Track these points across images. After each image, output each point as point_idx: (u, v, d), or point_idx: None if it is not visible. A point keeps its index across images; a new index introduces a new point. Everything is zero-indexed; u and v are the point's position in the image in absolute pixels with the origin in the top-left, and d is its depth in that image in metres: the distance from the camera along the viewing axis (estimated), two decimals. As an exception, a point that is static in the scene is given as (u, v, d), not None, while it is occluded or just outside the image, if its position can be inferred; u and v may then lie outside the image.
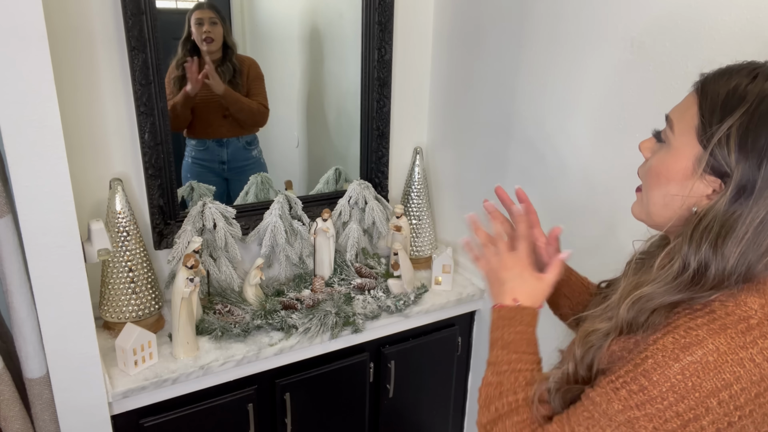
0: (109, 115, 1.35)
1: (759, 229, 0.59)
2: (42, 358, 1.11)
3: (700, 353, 0.58)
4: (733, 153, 0.59)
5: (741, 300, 0.61)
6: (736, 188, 0.60)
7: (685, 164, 0.64)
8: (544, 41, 1.35)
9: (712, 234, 0.61)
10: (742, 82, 0.61)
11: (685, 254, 0.62)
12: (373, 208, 1.67)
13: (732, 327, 0.59)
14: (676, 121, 0.66)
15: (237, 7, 1.53)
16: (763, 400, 0.58)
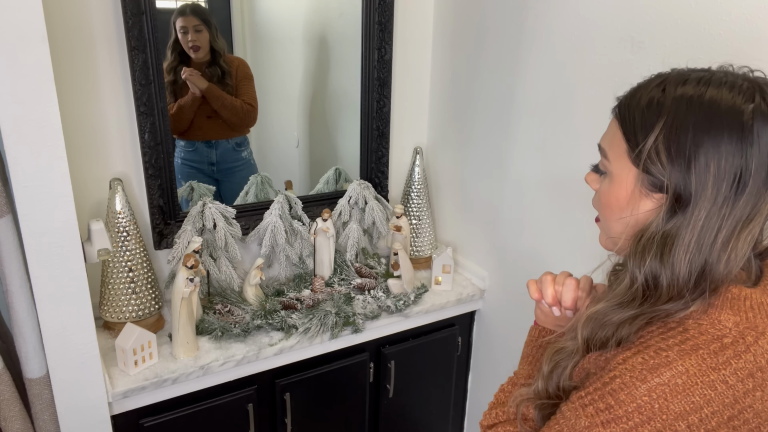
0: (109, 115, 1.35)
1: (703, 231, 0.59)
2: (42, 358, 1.11)
3: (668, 375, 0.56)
4: (664, 165, 0.60)
5: (715, 318, 0.60)
6: (672, 197, 0.60)
7: (627, 188, 0.65)
8: (543, 41, 1.35)
9: (656, 246, 0.61)
10: (654, 96, 0.62)
11: (631, 270, 0.63)
12: (373, 208, 1.67)
13: (704, 347, 0.57)
14: (608, 149, 0.67)
15: (237, 7, 1.53)
16: (737, 422, 0.56)
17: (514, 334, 1.60)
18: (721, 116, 0.57)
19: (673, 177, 0.59)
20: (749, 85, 0.59)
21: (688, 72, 0.63)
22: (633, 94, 0.65)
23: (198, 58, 1.48)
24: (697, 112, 0.58)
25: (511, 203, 1.54)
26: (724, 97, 0.58)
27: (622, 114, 0.65)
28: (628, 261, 0.64)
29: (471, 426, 1.88)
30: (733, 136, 0.57)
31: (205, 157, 1.60)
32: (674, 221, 0.60)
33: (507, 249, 1.59)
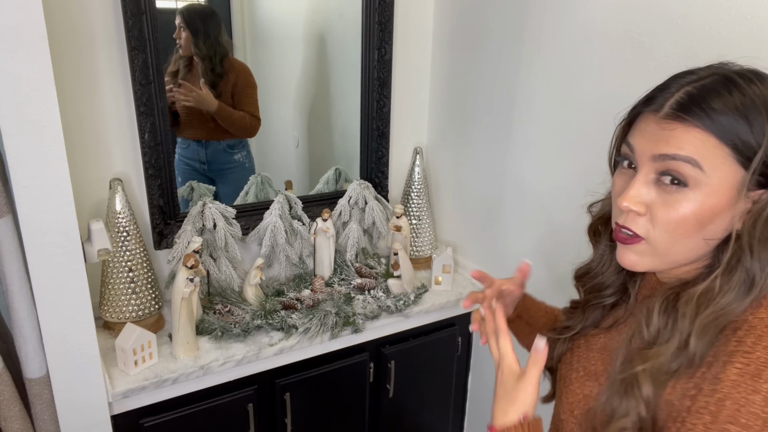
0: (109, 115, 1.35)
1: None
2: (42, 358, 1.11)
3: (759, 379, 0.55)
4: (762, 151, 0.58)
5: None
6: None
7: (728, 195, 0.60)
8: (544, 41, 1.35)
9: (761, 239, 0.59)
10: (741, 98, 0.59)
11: (748, 267, 0.60)
12: (373, 208, 1.67)
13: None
14: (699, 157, 0.59)
15: (237, 7, 1.53)
16: None
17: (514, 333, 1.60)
18: None
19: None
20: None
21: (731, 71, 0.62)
22: (701, 97, 0.60)
23: (183, 54, 1.48)
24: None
25: (511, 203, 1.54)
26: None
27: (708, 119, 0.59)
28: (743, 258, 0.60)
29: (471, 426, 1.88)
30: None
31: (196, 155, 1.60)
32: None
33: (507, 249, 1.59)
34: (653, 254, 0.65)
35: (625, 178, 0.66)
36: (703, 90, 0.60)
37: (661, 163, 0.61)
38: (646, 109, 0.64)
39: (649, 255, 0.65)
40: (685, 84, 0.61)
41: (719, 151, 0.59)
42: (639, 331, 0.65)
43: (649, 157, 0.62)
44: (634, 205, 0.63)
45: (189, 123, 1.53)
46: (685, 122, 0.60)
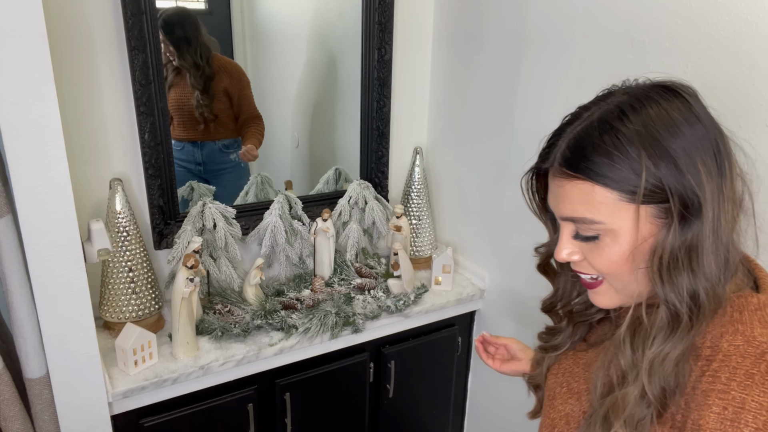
0: (109, 115, 1.35)
1: (717, 226, 0.59)
2: (42, 358, 1.11)
3: (751, 418, 0.54)
4: (663, 187, 0.58)
5: (749, 335, 0.59)
6: (680, 209, 0.58)
7: (634, 233, 0.61)
8: (543, 41, 1.35)
9: (681, 262, 0.59)
10: (614, 140, 0.59)
11: (666, 298, 0.60)
12: (373, 208, 1.67)
13: (756, 371, 0.56)
14: (594, 212, 0.61)
15: (237, 7, 1.53)
16: None
17: (514, 334, 1.60)
18: (673, 116, 0.59)
19: (675, 191, 0.58)
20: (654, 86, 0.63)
21: (611, 104, 0.62)
22: (578, 148, 0.61)
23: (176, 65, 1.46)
24: (657, 126, 0.59)
25: (511, 203, 1.54)
26: (661, 103, 0.60)
27: (587, 170, 0.60)
28: (661, 291, 0.60)
29: (471, 426, 1.88)
30: (693, 126, 0.59)
31: (191, 156, 1.58)
32: (692, 229, 0.58)
33: (507, 249, 1.59)
34: (615, 291, 0.66)
35: (559, 230, 0.68)
36: (579, 140, 0.61)
37: (570, 222, 0.64)
38: (543, 165, 0.66)
39: (613, 293, 0.67)
40: (570, 134, 0.63)
41: (608, 198, 0.60)
42: (616, 358, 0.65)
43: (560, 218, 0.65)
44: (568, 257, 0.66)
45: (182, 124, 1.53)
46: (571, 177, 0.62)
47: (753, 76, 0.95)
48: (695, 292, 0.59)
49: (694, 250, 0.59)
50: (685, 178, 0.58)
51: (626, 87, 0.64)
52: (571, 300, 0.80)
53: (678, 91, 0.61)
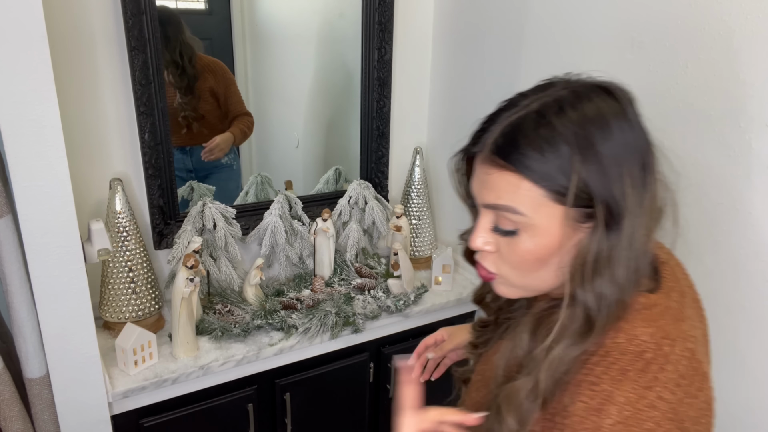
0: (109, 115, 1.35)
1: (636, 235, 0.59)
2: (42, 358, 1.11)
3: (615, 411, 0.55)
4: (591, 191, 0.58)
5: (631, 333, 0.59)
6: (605, 215, 0.58)
7: (557, 232, 0.60)
8: (543, 41, 1.35)
9: (602, 266, 0.59)
10: (548, 133, 0.58)
11: (581, 300, 0.59)
12: (373, 208, 1.67)
13: (631, 368, 0.57)
14: (517, 204, 0.60)
15: (237, 7, 1.53)
16: (687, 428, 0.56)
17: (514, 334, 1.60)
18: (608, 120, 0.58)
19: (601, 197, 0.58)
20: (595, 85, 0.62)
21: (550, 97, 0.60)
22: (512, 138, 0.59)
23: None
24: (592, 128, 0.58)
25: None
26: (599, 105, 0.59)
27: (518, 162, 0.59)
28: (579, 293, 0.59)
29: (471, 426, 1.88)
30: (625, 133, 0.59)
31: (181, 164, 1.53)
32: (611, 237, 0.58)
33: (507, 249, 1.59)
34: (512, 285, 0.67)
35: (477, 217, 0.67)
36: (514, 130, 0.59)
37: (492, 211, 0.63)
38: (474, 149, 0.64)
39: (511, 286, 0.67)
40: (505, 121, 0.60)
41: (534, 194, 0.59)
42: (515, 347, 0.65)
43: (482, 204, 0.64)
44: (482, 246, 0.65)
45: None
46: (500, 167, 0.60)
47: (753, 76, 0.95)
48: (608, 299, 0.59)
49: (613, 258, 0.59)
50: (612, 186, 0.57)
51: (567, 81, 0.63)
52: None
53: (616, 95, 0.61)
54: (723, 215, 1.03)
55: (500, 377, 0.65)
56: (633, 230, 0.59)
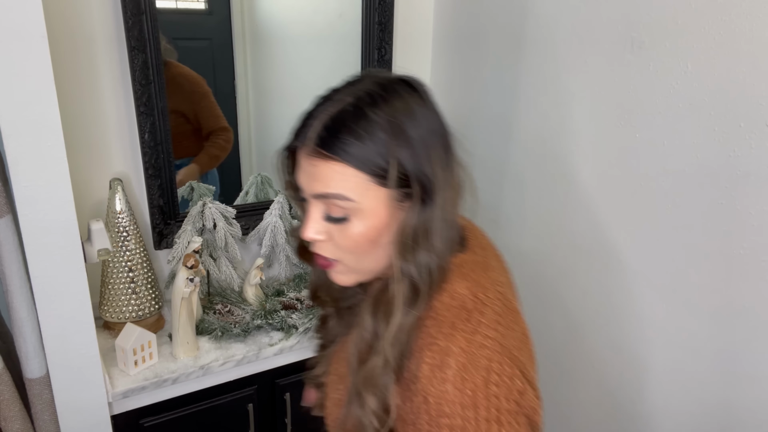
0: (109, 115, 1.35)
1: (448, 206, 0.66)
2: (42, 358, 1.11)
3: (454, 362, 0.61)
4: (409, 171, 0.63)
5: (452, 290, 0.67)
6: (420, 192, 0.64)
7: (384, 213, 0.65)
8: (543, 41, 1.35)
9: (421, 239, 0.65)
10: (366, 123, 0.63)
11: (406, 272, 0.65)
12: (373, 208, 1.67)
13: (457, 320, 0.64)
14: (344, 190, 0.64)
15: (237, 7, 1.53)
16: (515, 355, 0.64)
17: (514, 334, 1.60)
18: (414, 109, 0.65)
19: (416, 177, 0.64)
20: (398, 79, 0.68)
21: (362, 91, 0.65)
22: (333, 130, 0.63)
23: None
24: (402, 116, 0.64)
25: (511, 203, 1.54)
26: (404, 96, 0.65)
27: (341, 151, 0.63)
28: (404, 266, 0.65)
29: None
30: (429, 119, 0.67)
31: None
32: (427, 212, 0.65)
33: (507, 249, 1.59)
34: (351, 270, 0.70)
35: (306, 209, 0.69)
36: (334, 122, 0.63)
37: (322, 200, 0.66)
38: (298, 144, 0.67)
39: (350, 272, 0.71)
40: (324, 114, 0.64)
41: (359, 179, 0.63)
42: (362, 332, 0.69)
43: (311, 195, 0.67)
44: (315, 235, 0.68)
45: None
46: (326, 158, 0.63)
47: (753, 76, 0.95)
48: (429, 267, 0.65)
49: (429, 230, 0.65)
50: (424, 166, 0.64)
51: (374, 76, 0.68)
52: (332, 283, 0.80)
53: (416, 87, 0.68)
54: (723, 215, 1.03)
55: (355, 366, 0.68)
56: (444, 203, 0.66)
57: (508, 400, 0.61)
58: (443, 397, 0.60)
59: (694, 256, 1.10)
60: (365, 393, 0.65)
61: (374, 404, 0.65)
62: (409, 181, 0.64)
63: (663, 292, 1.16)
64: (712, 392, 1.10)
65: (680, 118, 1.07)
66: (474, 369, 0.61)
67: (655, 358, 1.20)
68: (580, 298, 1.36)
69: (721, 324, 1.07)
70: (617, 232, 1.24)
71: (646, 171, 1.15)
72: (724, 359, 1.07)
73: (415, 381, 0.63)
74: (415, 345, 0.64)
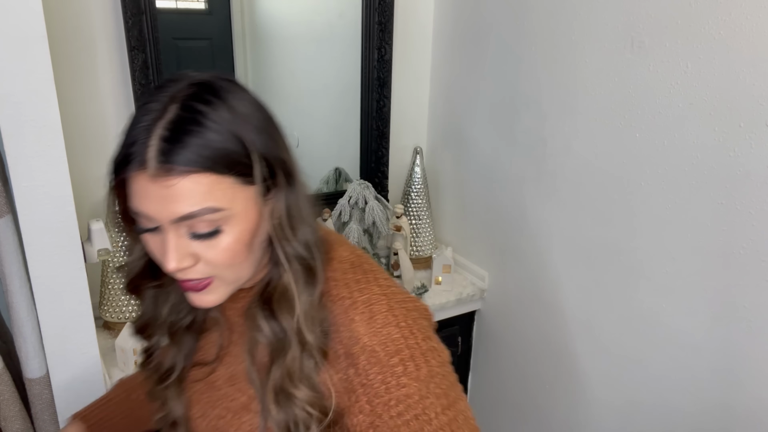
0: (109, 115, 1.35)
1: (303, 190, 0.66)
2: (42, 358, 1.10)
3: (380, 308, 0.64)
4: (266, 159, 0.61)
5: (338, 256, 0.70)
6: (283, 175, 0.63)
7: (255, 210, 0.62)
8: (544, 41, 1.35)
9: (296, 220, 0.64)
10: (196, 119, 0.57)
11: (294, 254, 0.64)
12: (373, 208, 1.67)
13: (359, 275, 0.67)
14: (214, 201, 0.57)
15: (237, 7, 1.53)
16: (397, 288, 0.69)
17: (514, 334, 1.60)
18: (247, 100, 0.62)
19: (278, 165, 0.62)
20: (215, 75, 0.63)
21: (185, 93, 0.58)
22: (177, 140, 0.55)
23: None
24: (240, 109, 0.60)
25: (511, 203, 1.54)
26: (231, 89, 0.61)
27: (196, 161, 0.56)
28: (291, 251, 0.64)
29: (471, 426, 1.88)
30: (262, 111, 0.63)
31: None
32: (293, 193, 0.64)
33: (507, 249, 1.59)
34: (227, 284, 0.65)
35: (156, 240, 0.61)
36: (174, 131, 0.56)
37: (184, 222, 0.58)
38: (132, 169, 0.57)
39: (223, 286, 0.65)
40: (153, 129, 0.56)
41: (225, 184, 0.58)
42: (257, 344, 0.66)
43: (170, 221, 0.58)
44: (180, 264, 0.60)
45: None
46: (181, 173, 0.55)
47: (753, 76, 0.95)
48: (311, 240, 0.66)
49: (300, 208, 0.65)
50: (279, 152, 0.63)
51: (187, 77, 0.60)
52: (162, 313, 0.74)
53: (233, 81, 0.63)
54: (723, 215, 1.03)
55: (258, 378, 0.66)
56: (301, 180, 0.66)
57: (424, 316, 0.67)
58: (389, 339, 0.62)
59: (694, 256, 1.10)
60: (293, 388, 0.63)
61: (306, 393, 0.63)
62: (272, 170, 0.62)
63: (663, 291, 1.16)
64: (711, 392, 1.10)
65: (680, 118, 1.07)
66: (396, 304, 0.65)
67: (655, 357, 1.20)
68: (579, 297, 1.36)
69: (721, 324, 1.07)
70: (617, 231, 1.24)
71: (646, 171, 1.15)
72: (724, 359, 1.07)
73: (354, 344, 0.63)
74: (333, 316, 0.65)
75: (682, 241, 1.11)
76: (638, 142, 1.16)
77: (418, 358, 0.62)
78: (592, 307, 1.34)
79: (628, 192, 1.20)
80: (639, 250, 1.20)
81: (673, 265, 1.13)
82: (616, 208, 1.24)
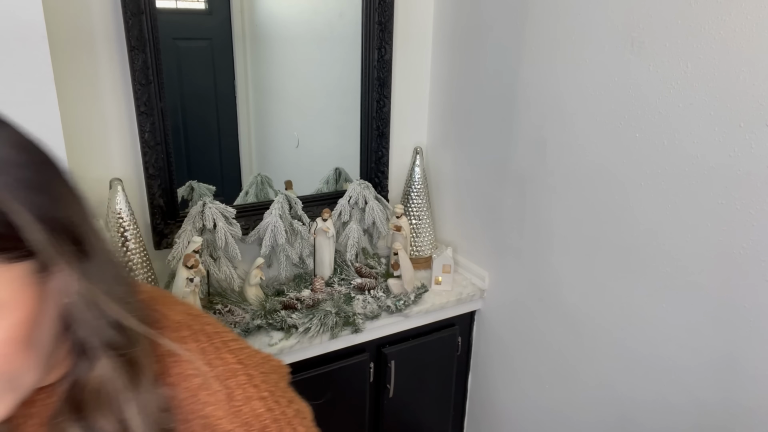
0: (109, 115, 1.35)
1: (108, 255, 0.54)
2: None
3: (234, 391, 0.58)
4: (42, 227, 0.45)
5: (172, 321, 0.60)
6: (71, 244, 0.49)
7: (33, 295, 0.46)
8: (544, 41, 1.35)
9: (96, 298, 0.50)
10: None
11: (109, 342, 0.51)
12: (373, 208, 1.67)
13: (193, 342, 0.59)
14: None
15: (237, 7, 1.53)
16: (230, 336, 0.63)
17: (514, 334, 1.60)
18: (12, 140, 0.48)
19: (60, 223, 0.48)
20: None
21: None
22: None
23: None
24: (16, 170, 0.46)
25: (511, 203, 1.54)
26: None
27: None
28: (94, 341, 0.51)
29: (471, 426, 1.88)
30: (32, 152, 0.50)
31: None
32: (91, 263, 0.50)
33: (507, 249, 1.59)
34: (12, 390, 0.48)
35: None
36: None
37: None
38: None
39: (8, 393, 0.48)
40: None
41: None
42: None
43: None
44: None
45: None
46: None
47: (753, 76, 0.95)
48: (123, 320, 0.52)
49: (104, 281, 0.51)
50: (61, 212, 0.48)
51: None
52: None
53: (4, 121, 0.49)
54: (723, 215, 1.03)
55: None
56: (103, 244, 0.52)
57: (281, 375, 0.63)
58: (252, 415, 0.57)
59: (693, 256, 1.10)
60: None
61: None
62: (53, 236, 0.46)
63: (663, 291, 1.16)
64: (711, 392, 1.10)
65: (680, 118, 1.07)
66: (254, 371, 0.59)
67: (655, 357, 1.20)
68: (579, 297, 1.36)
69: (721, 324, 1.07)
70: (617, 231, 1.24)
71: (646, 171, 1.15)
72: (724, 359, 1.07)
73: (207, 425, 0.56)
74: (178, 403, 0.55)
75: (682, 241, 1.11)
76: (638, 142, 1.16)
77: (285, 429, 0.58)
78: (592, 307, 1.34)
79: (628, 192, 1.20)
80: (639, 250, 1.20)
81: (673, 265, 1.13)
82: (616, 208, 1.24)
